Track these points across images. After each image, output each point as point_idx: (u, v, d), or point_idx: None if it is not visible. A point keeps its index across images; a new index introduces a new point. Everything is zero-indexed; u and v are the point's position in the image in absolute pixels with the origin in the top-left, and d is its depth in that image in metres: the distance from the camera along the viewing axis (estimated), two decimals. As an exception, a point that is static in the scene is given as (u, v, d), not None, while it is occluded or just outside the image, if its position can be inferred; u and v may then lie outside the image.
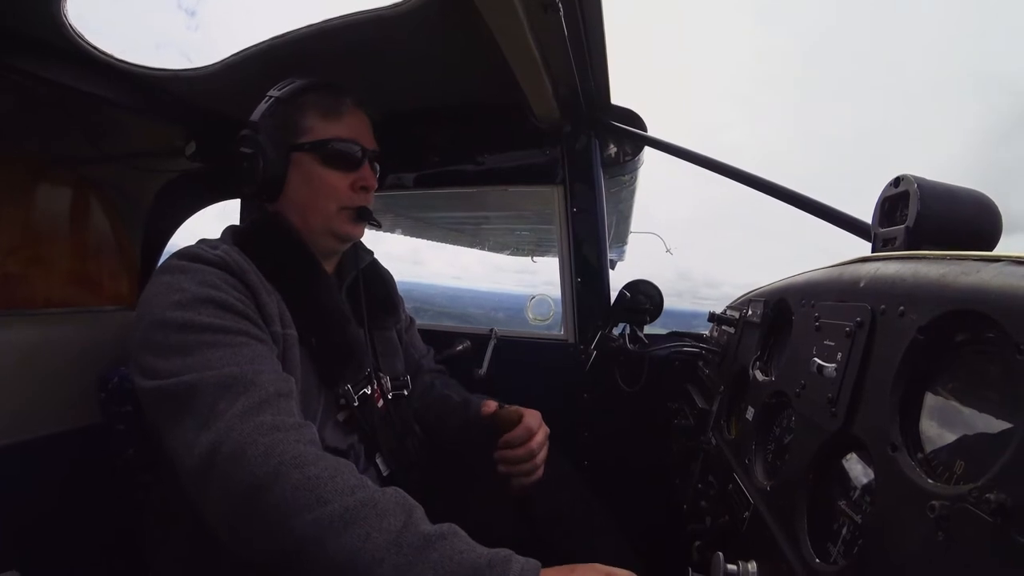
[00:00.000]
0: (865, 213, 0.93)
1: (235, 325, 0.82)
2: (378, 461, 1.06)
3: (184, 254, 0.89)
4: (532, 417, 1.06)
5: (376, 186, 1.09)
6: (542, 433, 1.06)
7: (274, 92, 1.04)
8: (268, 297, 0.90)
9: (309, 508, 0.65)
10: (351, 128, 1.06)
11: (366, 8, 1.06)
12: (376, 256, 1.25)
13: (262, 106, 1.03)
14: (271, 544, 0.66)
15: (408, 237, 3.62)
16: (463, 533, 0.67)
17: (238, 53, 1.23)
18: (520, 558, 0.64)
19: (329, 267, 1.11)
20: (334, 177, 1.03)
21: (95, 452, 1.27)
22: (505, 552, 0.64)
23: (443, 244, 3.93)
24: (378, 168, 1.12)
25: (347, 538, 0.63)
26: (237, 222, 1.13)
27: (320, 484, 0.67)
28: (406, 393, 1.20)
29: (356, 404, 1.02)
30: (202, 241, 0.96)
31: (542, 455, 1.05)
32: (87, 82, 1.27)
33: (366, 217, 1.08)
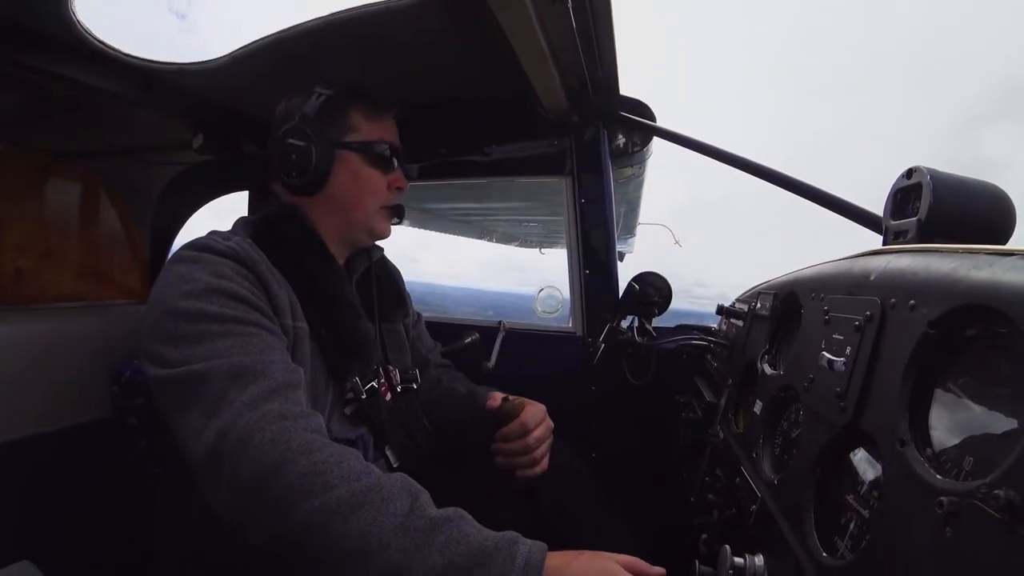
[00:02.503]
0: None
1: (246, 315, 0.83)
2: (388, 453, 1.07)
3: (196, 244, 0.89)
4: (532, 412, 1.06)
5: (407, 187, 1.14)
6: (542, 428, 1.06)
7: (321, 89, 1.04)
8: (279, 290, 0.91)
9: (316, 494, 0.65)
10: (390, 131, 1.11)
11: (374, 0, 1.06)
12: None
13: (311, 101, 1.03)
14: (279, 530, 0.67)
15: (403, 234, 3.62)
16: (469, 516, 0.68)
17: (246, 46, 1.23)
18: (527, 540, 0.65)
19: (340, 261, 1.12)
20: (376, 177, 1.08)
21: (107, 445, 1.29)
22: (512, 534, 0.65)
23: (440, 242, 3.93)
24: None
25: (353, 523, 0.64)
26: (230, 223, 1.13)
27: (326, 470, 0.67)
28: (415, 386, 1.21)
29: (364, 397, 1.03)
30: (213, 232, 0.96)
31: (542, 449, 1.05)
32: (94, 77, 1.27)
33: (400, 215, 1.14)
